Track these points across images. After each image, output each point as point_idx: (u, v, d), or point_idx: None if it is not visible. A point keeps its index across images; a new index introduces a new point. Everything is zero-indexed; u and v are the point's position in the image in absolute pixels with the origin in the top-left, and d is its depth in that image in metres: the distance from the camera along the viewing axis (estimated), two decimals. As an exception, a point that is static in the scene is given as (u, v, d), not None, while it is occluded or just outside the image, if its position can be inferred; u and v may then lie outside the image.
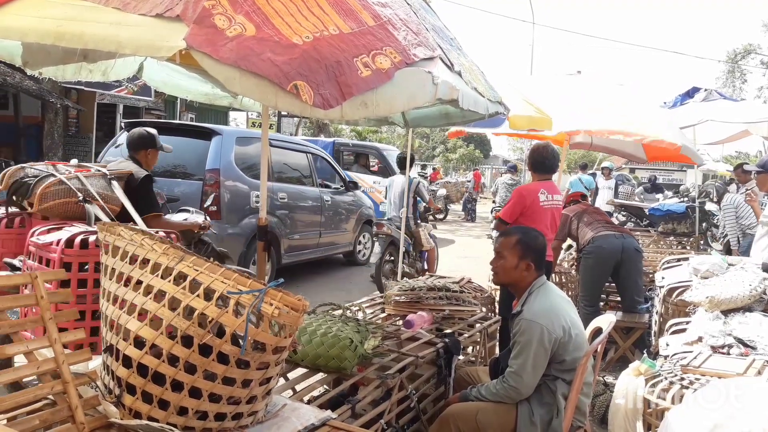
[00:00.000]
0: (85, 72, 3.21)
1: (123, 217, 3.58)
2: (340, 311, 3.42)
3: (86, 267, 2.90)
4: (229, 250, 6.31)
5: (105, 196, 3.63)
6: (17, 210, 3.65)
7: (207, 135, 6.90)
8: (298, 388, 2.89)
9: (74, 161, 11.70)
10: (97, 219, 3.40)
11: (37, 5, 2.18)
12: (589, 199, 11.40)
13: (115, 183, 3.77)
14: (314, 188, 8.41)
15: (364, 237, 9.80)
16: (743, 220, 6.97)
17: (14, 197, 3.60)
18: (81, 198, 3.50)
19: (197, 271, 1.85)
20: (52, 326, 1.97)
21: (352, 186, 9.35)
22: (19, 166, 3.74)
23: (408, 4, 2.74)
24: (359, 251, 9.73)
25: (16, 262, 3.42)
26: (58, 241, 2.91)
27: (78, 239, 2.94)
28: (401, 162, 8.12)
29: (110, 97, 14.84)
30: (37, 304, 1.98)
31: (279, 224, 7.47)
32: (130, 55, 3.24)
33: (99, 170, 3.79)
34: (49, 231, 3.12)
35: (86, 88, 12.82)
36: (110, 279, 1.99)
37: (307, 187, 8.27)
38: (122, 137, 7.35)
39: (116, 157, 7.08)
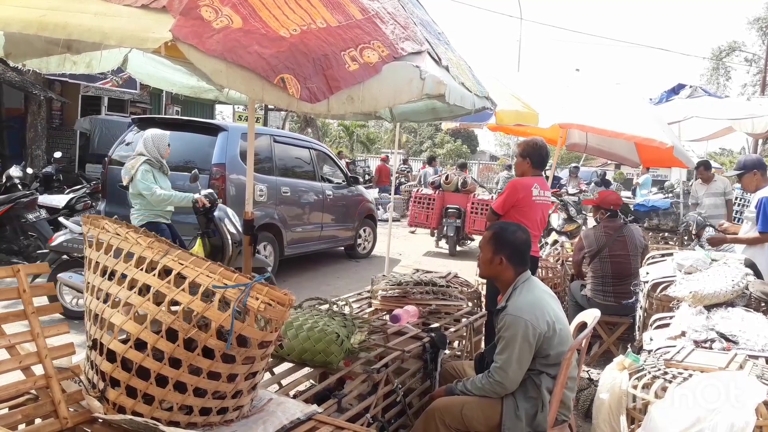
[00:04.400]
0: (69, 64, 3.16)
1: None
2: (326, 306, 3.42)
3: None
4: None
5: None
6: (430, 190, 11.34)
7: (213, 131, 7.10)
8: (284, 382, 2.89)
9: (57, 154, 11.45)
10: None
11: (20, -5, 2.14)
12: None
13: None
14: (316, 183, 8.59)
15: (365, 231, 9.92)
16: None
17: (459, 186, 10.79)
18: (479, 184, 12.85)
19: (182, 265, 1.84)
20: (34, 320, 1.95)
21: (353, 181, 9.54)
22: (456, 173, 11.78)
23: (396, -3, 2.73)
24: (360, 245, 9.86)
25: (452, 205, 10.67)
26: (492, 199, 10.49)
27: (488, 196, 11.61)
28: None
29: (95, 90, 14.66)
30: (19, 297, 1.96)
31: (282, 217, 7.64)
32: (115, 47, 3.19)
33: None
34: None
35: (70, 80, 12.66)
36: (94, 273, 1.97)
37: (309, 181, 8.43)
38: (130, 136, 7.47)
39: (128, 152, 7.05)
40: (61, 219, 5.99)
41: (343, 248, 9.77)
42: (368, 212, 9.87)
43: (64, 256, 5.70)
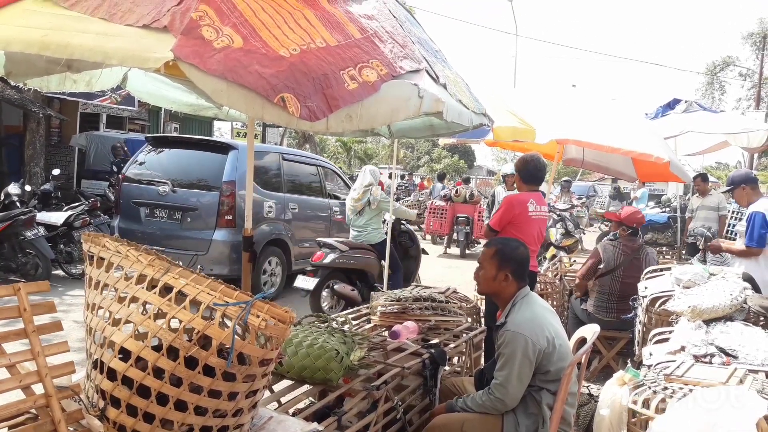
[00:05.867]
0: (69, 83, 3.18)
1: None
2: (326, 322, 3.41)
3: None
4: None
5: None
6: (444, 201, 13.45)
7: (224, 149, 7.40)
8: (283, 400, 2.88)
9: (56, 171, 11.45)
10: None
11: (22, 15, 2.16)
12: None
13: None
14: (324, 199, 8.83)
15: None
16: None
17: (467, 197, 13.24)
18: (483, 196, 15.13)
19: (183, 282, 1.85)
20: (34, 338, 1.95)
21: None
22: (464, 187, 14.11)
23: (394, 16, 2.76)
24: None
25: (462, 214, 12.81)
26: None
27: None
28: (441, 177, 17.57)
29: (93, 107, 14.73)
30: (19, 316, 1.96)
31: (290, 233, 7.92)
32: (116, 66, 3.22)
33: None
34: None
35: (69, 98, 12.71)
36: (95, 290, 1.97)
37: (317, 198, 8.71)
38: (142, 155, 7.81)
39: (141, 170, 7.66)
40: (320, 238, 6.91)
41: None
42: None
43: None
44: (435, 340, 3.71)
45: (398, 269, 6.64)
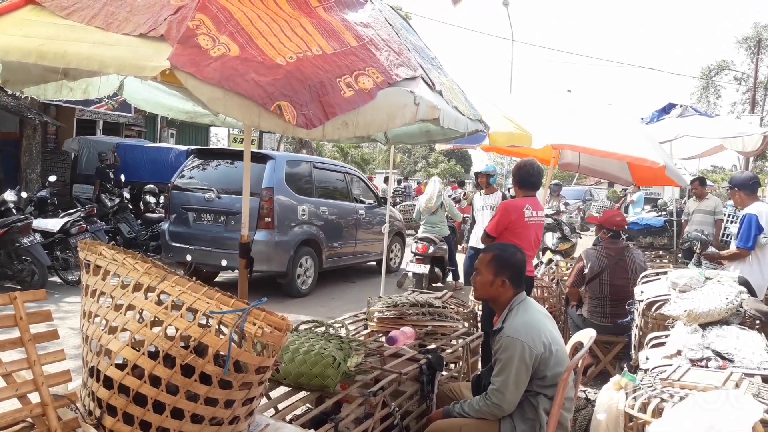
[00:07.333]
0: (66, 90, 3.18)
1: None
2: (322, 328, 3.41)
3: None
4: (281, 254, 8.01)
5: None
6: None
7: (263, 159, 8.18)
8: (280, 406, 2.88)
9: (52, 177, 11.43)
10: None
11: (19, 24, 2.17)
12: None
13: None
14: (351, 203, 9.65)
15: (394, 246, 10.97)
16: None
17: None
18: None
19: (180, 290, 1.85)
20: (31, 347, 1.95)
21: (383, 202, 10.39)
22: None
23: (390, 24, 2.78)
24: (390, 259, 10.86)
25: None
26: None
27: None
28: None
29: (90, 113, 14.76)
30: (15, 325, 1.96)
31: (320, 234, 8.71)
32: (113, 74, 3.22)
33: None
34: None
35: (65, 104, 12.75)
36: (91, 298, 1.97)
37: (344, 202, 9.49)
38: (187, 171, 8.46)
39: (188, 179, 8.42)
40: (417, 234, 8.83)
41: (374, 263, 10.69)
42: (397, 230, 10.89)
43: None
44: (432, 346, 3.71)
45: (452, 253, 8.85)
